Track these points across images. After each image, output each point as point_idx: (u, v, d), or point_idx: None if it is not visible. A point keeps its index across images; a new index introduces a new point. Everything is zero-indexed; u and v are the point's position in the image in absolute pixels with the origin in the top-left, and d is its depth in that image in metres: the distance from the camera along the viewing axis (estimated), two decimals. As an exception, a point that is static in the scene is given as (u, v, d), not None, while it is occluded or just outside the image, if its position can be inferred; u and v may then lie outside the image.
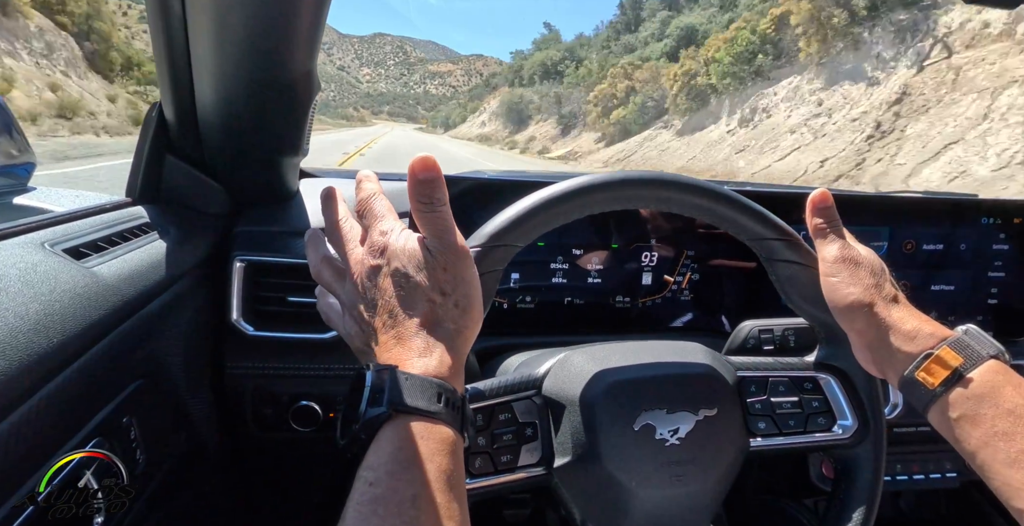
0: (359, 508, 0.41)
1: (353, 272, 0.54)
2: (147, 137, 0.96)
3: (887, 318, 0.63)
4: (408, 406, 0.44)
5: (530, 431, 0.66)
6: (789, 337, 0.90)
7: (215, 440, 1.03)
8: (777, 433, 0.70)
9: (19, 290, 0.57)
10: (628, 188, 0.64)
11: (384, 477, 0.42)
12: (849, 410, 0.72)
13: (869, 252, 0.69)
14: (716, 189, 0.67)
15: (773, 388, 0.72)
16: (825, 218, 0.69)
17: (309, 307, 1.02)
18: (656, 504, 0.63)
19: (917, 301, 1.18)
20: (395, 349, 0.49)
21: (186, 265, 0.90)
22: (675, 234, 1.14)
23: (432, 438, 0.45)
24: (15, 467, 0.53)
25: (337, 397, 1.06)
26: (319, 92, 0.96)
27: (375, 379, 0.46)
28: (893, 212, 1.18)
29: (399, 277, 0.51)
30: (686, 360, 0.70)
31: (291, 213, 1.10)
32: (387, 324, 0.50)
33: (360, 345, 0.54)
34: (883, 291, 0.65)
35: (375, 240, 0.53)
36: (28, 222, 0.73)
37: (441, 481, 0.43)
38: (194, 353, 0.94)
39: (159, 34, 0.84)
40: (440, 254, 0.52)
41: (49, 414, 0.56)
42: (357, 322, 0.53)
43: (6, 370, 0.50)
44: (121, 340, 0.71)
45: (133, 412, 0.75)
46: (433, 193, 0.52)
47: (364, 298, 0.52)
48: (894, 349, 0.62)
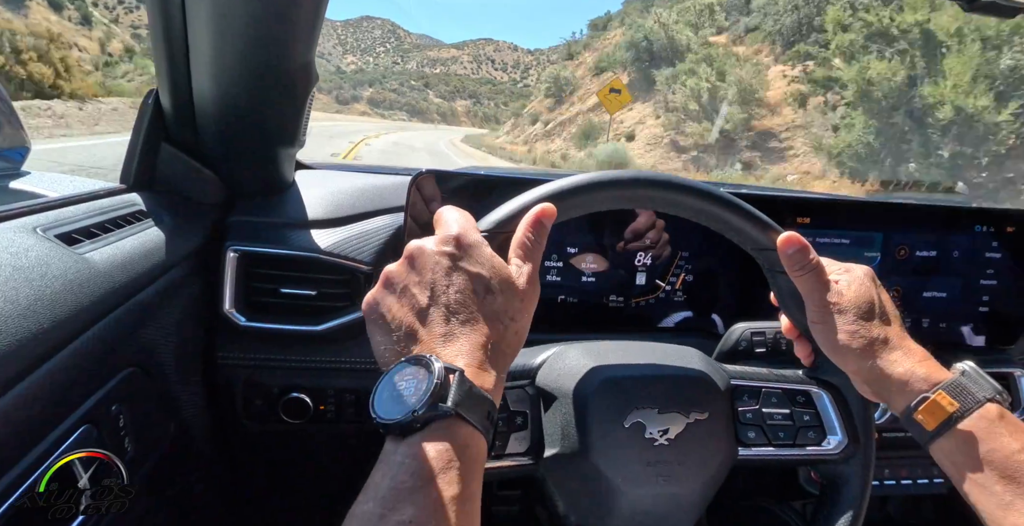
0: (399, 487, 0.42)
1: (441, 251, 0.54)
2: (143, 124, 0.95)
3: (878, 362, 0.62)
4: (467, 415, 0.47)
5: (520, 420, 0.66)
6: (781, 340, 0.90)
7: (205, 430, 1.03)
8: (766, 444, 0.71)
9: (10, 274, 0.56)
10: (638, 188, 0.64)
11: (428, 472, 0.43)
12: (840, 426, 0.72)
13: (858, 287, 0.65)
14: (725, 195, 0.66)
15: (765, 398, 0.72)
16: (798, 262, 0.65)
17: (302, 299, 1.02)
18: (640, 502, 0.64)
19: (909, 307, 1.20)
20: (453, 350, 0.50)
21: (179, 254, 0.90)
22: (670, 234, 1.14)
23: (474, 447, 0.47)
24: (4, 449, 0.53)
25: (328, 390, 1.06)
26: (317, 82, 0.96)
27: (443, 376, 0.46)
28: (886, 218, 1.18)
29: (481, 286, 0.53)
30: (681, 364, 0.70)
31: (286, 204, 1.10)
32: (453, 321, 0.52)
33: (408, 321, 0.53)
34: (871, 334, 0.63)
35: (472, 240, 0.55)
36: (21, 206, 0.72)
37: (471, 488, 0.46)
38: (185, 342, 0.94)
39: (158, 22, 0.83)
40: (524, 285, 0.56)
41: (38, 399, 0.56)
42: (414, 297, 0.53)
43: None
44: (112, 327, 0.71)
45: (123, 400, 0.75)
46: (540, 233, 0.58)
47: (441, 283, 0.53)
48: (890, 389, 0.62)
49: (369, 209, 1.11)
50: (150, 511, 0.85)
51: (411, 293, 0.53)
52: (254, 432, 1.10)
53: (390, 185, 1.18)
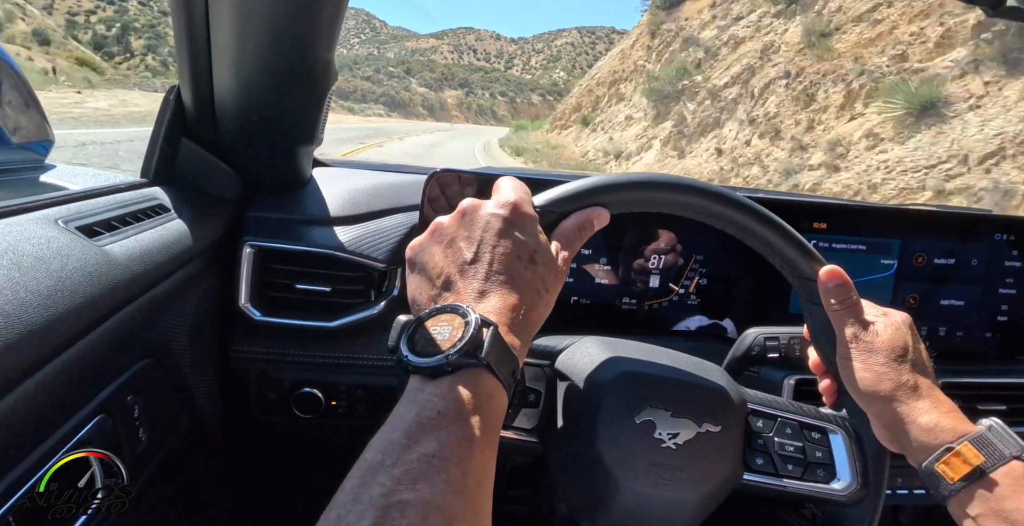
0: (424, 422, 0.43)
1: (495, 214, 0.56)
2: (164, 120, 0.97)
3: (904, 408, 0.60)
4: (496, 370, 0.48)
5: (533, 397, 0.66)
6: (795, 346, 0.90)
7: (217, 422, 1.04)
8: (773, 473, 0.69)
9: (31, 265, 0.57)
10: (692, 195, 0.63)
11: (454, 412, 0.44)
12: (851, 470, 0.70)
13: (894, 331, 0.64)
14: (778, 219, 0.64)
15: (780, 428, 0.71)
16: (837, 297, 0.64)
17: (316, 295, 1.03)
18: (637, 501, 0.63)
19: (926, 315, 1.18)
20: (487, 307, 0.51)
21: (197, 248, 0.91)
22: (685, 238, 1.14)
23: (497, 399, 0.49)
24: (23, 436, 0.54)
25: (340, 385, 1.07)
26: (336, 81, 0.97)
27: (478, 327, 0.48)
28: (905, 224, 1.17)
29: (526, 254, 0.55)
30: (703, 374, 0.69)
31: (303, 201, 1.11)
32: (492, 280, 0.53)
33: (448, 271, 0.54)
34: (901, 378, 0.61)
35: (526, 211, 0.57)
36: (43, 198, 0.73)
37: (490, 437, 0.47)
38: (200, 335, 0.95)
39: (181, 19, 0.84)
40: (561, 266, 0.58)
41: (56, 388, 0.57)
42: (460, 251, 0.55)
43: (15, 342, 0.50)
44: (129, 319, 0.72)
45: (138, 391, 0.76)
46: (586, 230, 0.61)
47: (489, 242, 0.54)
48: (911, 437, 0.60)
49: (385, 207, 1.12)
50: (162, 500, 0.86)
51: (458, 246, 0.55)
52: (266, 425, 1.11)
53: (406, 183, 1.19)
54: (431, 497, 0.39)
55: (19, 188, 0.87)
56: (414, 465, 0.40)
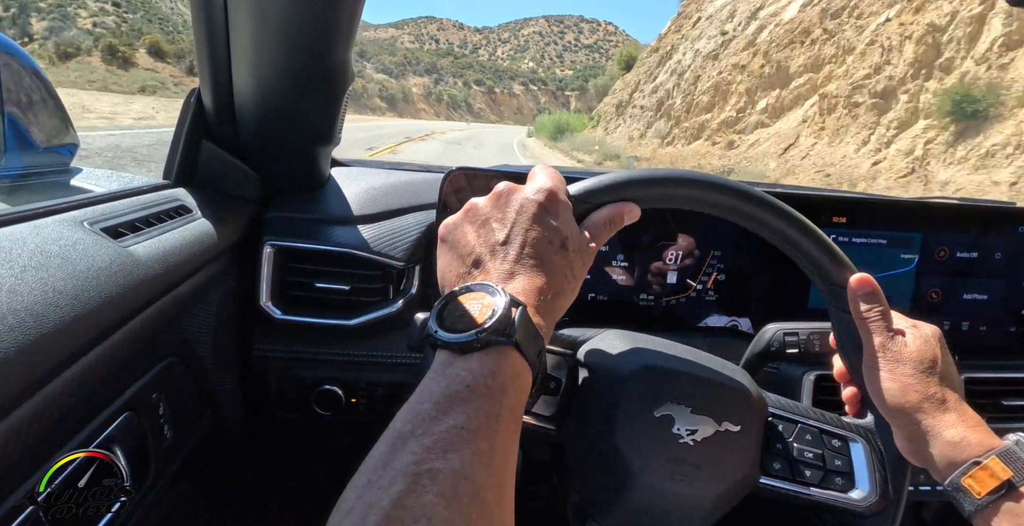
0: (453, 395, 0.44)
1: (531, 199, 0.57)
2: (185, 122, 0.98)
3: (929, 420, 0.59)
4: (524, 349, 0.49)
5: (553, 384, 0.66)
6: (815, 341, 0.89)
7: (240, 419, 1.06)
8: (791, 479, 0.68)
9: (59, 266, 0.59)
10: (726, 196, 0.62)
11: (482, 387, 0.45)
12: (871, 480, 0.69)
13: (923, 343, 0.63)
14: (812, 225, 0.64)
15: (800, 434, 0.70)
16: (867, 306, 0.63)
17: (336, 293, 1.04)
18: (651, 495, 0.63)
19: (948, 310, 1.17)
20: (515, 287, 0.52)
21: (218, 248, 0.93)
22: (702, 233, 1.13)
23: (524, 378, 0.49)
24: (53, 433, 0.56)
25: (360, 383, 1.08)
26: (352, 81, 0.98)
27: (508, 306, 0.48)
28: (926, 218, 1.15)
29: (558, 240, 0.56)
30: (726, 373, 0.68)
31: (322, 201, 1.12)
32: (522, 262, 0.53)
33: (479, 251, 0.55)
34: (928, 390, 0.60)
35: (561, 199, 0.58)
36: (69, 201, 0.75)
37: (516, 414, 0.47)
38: (223, 334, 0.97)
39: (200, 23, 0.86)
40: (590, 255, 0.59)
41: (83, 386, 0.58)
42: (492, 232, 0.55)
43: (44, 341, 0.52)
44: (153, 318, 0.73)
45: (163, 389, 0.78)
46: (616, 224, 0.62)
47: (522, 225, 0.55)
48: (936, 451, 0.59)
49: (402, 206, 1.13)
50: (187, 495, 0.87)
51: (491, 227, 0.55)
52: (287, 422, 1.12)
53: (423, 182, 1.19)
54: (460, 467, 0.39)
55: (46, 191, 0.89)
56: (443, 436, 0.41)
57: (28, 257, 0.57)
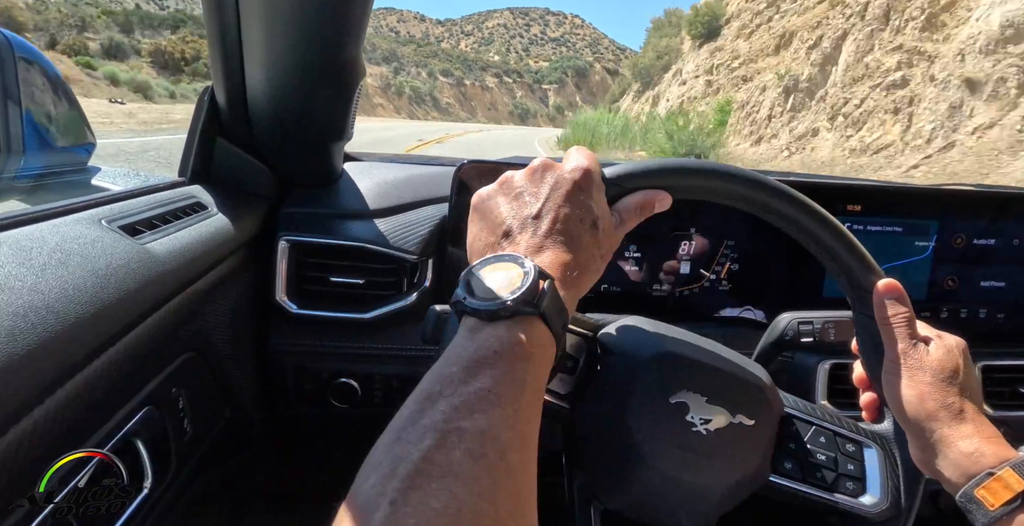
0: (480, 359, 0.44)
1: (568, 177, 0.57)
2: (199, 120, 0.99)
3: (945, 430, 0.58)
4: (550, 322, 0.49)
5: (571, 363, 0.66)
6: (829, 330, 0.88)
7: (258, 413, 1.07)
8: (801, 480, 0.68)
9: (78, 264, 0.60)
10: (758, 191, 0.62)
11: (509, 354, 0.45)
12: (882, 487, 0.68)
13: (945, 352, 0.62)
14: (843, 228, 0.63)
15: (814, 436, 0.70)
16: (892, 312, 0.62)
17: (351, 287, 1.05)
18: (659, 481, 0.63)
19: (965, 297, 1.16)
20: (543, 260, 0.52)
21: (234, 244, 0.94)
22: (715, 223, 1.13)
23: (548, 349, 0.50)
24: (76, 427, 0.57)
25: (375, 376, 1.09)
26: (364, 76, 0.98)
27: (536, 278, 0.49)
28: (943, 205, 1.14)
29: (589, 219, 0.56)
30: (745, 368, 0.68)
31: (336, 195, 1.13)
32: (552, 237, 0.54)
33: (510, 222, 0.56)
34: (947, 399, 0.59)
35: (597, 181, 0.58)
36: (88, 199, 0.76)
37: (540, 382, 0.48)
38: (240, 329, 0.98)
39: (212, 20, 0.86)
40: (618, 235, 0.60)
41: (104, 382, 0.59)
42: (525, 205, 0.56)
43: (66, 337, 0.53)
44: (172, 314, 0.74)
45: (182, 383, 0.79)
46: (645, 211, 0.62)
47: (556, 201, 0.55)
48: (950, 461, 0.58)
49: (415, 199, 1.13)
50: (207, 487, 0.89)
51: (524, 200, 0.56)
52: (304, 415, 1.14)
53: (435, 175, 1.20)
54: (487, 426, 0.40)
55: (64, 190, 0.91)
56: (471, 397, 0.41)
57: (48, 255, 0.58)
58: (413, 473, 0.36)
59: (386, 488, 0.36)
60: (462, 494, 0.36)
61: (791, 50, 16.56)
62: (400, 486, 0.35)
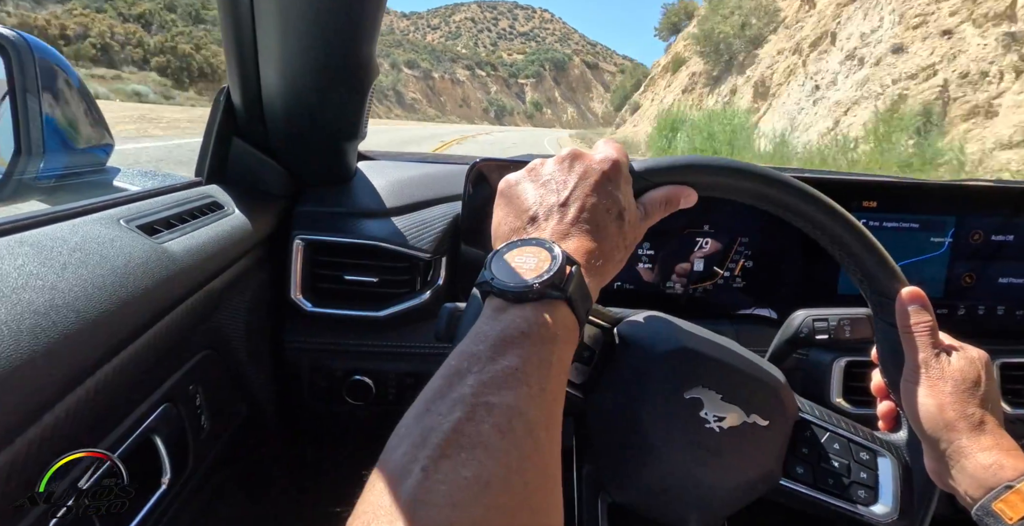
0: (507, 339, 0.44)
1: (597, 167, 0.57)
2: (215, 120, 1.00)
3: (964, 441, 0.57)
4: (576, 307, 0.49)
5: (587, 354, 0.66)
6: (845, 327, 0.88)
7: (273, 409, 1.08)
8: (812, 485, 0.67)
9: (97, 263, 0.61)
10: (786, 193, 0.61)
11: (536, 335, 0.46)
12: (895, 497, 0.67)
13: (967, 363, 0.61)
14: (868, 233, 0.62)
15: (828, 442, 0.69)
16: (915, 320, 0.61)
17: (365, 285, 1.06)
18: (670, 476, 0.63)
19: (983, 294, 1.15)
20: (568, 247, 0.52)
21: (250, 243, 0.95)
22: (729, 220, 1.12)
23: (573, 332, 0.50)
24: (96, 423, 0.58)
25: (389, 373, 1.10)
26: (377, 76, 0.99)
27: (563, 263, 0.49)
28: (960, 201, 1.13)
29: (616, 210, 0.56)
30: (762, 368, 0.68)
31: (350, 194, 1.14)
32: (578, 225, 0.54)
33: (536, 208, 0.56)
34: (966, 410, 0.58)
35: (626, 173, 0.59)
36: (106, 199, 0.77)
37: (565, 364, 0.48)
38: (255, 326, 0.99)
39: (228, 22, 0.87)
40: (643, 227, 0.60)
41: (123, 379, 0.60)
42: (553, 192, 0.56)
43: (86, 335, 0.54)
44: (189, 312, 0.75)
45: (199, 380, 0.80)
46: (670, 206, 0.62)
47: (584, 190, 0.56)
48: (967, 473, 0.57)
49: (428, 198, 1.14)
50: (224, 483, 0.90)
51: (552, 188, 0.56)
52: (319, 412, 1.15)
53: (448, 174, 1.20)
54: (514, 403, 0.40)
55: (84, 190, 0.92)
56: (498, 374, 0.42)
57: (68, 255, 0.59)
58: (444, 442, 0.36)
59: (417, 455, 0.36)
60: (491, 465, 0.36)
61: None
62: (432, 454, 0.36)
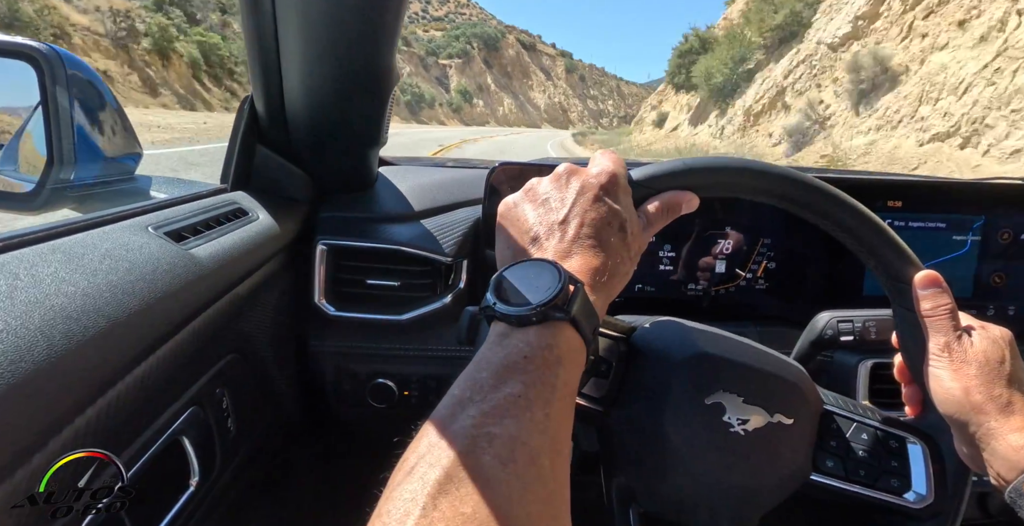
0: (510, 365, 0.45)
1: (593, 182, 0.57)
2: (239, 128, 1.02)
3: (993, 423, 0.56)
4: (581, 327, 0.49)
5: (604, 367, 0.66)
6: (871, 329, 0.87)
7: (299, 412, 1.10)
8: (843, 477, 0.66)
9: (126, 269, 0.62)
10: (788, 187, 0.61)
11: (539, 359, 0.46)
12: (927, 483, 0.66)
13: (990, 343, 0.60)
14: (879, 220, 0.62)
15: (856, 433, 0.68)
16: (933, 304, 0.60)
17: (387, 289, 1.07)
18: (699, 483, 0.62)
19: (1013, 294, 1.12)
20: (571, 266, 0.52)
21: (274, 248, 0.96)
22: (751, 221, 1.12)
23: (579, 354, 0.50)
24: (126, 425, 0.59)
25: (412, 376, 1.11)
26: (398, 82, 1.00)
27: (566, 283, 0.49)
28: (988, 200, 1.11)
29: (617, 222, 0.56)
30: (781, 366, 0.67)
31: (372, 199, 1.15)
32: (579, 242, 0.54)
33: (537, 229, 0.56)
34: (993, 392, 0.57)
35: (623, 184, 0.59)
36: (135, 207, 0.79)
37: (571, 387, 0.48)
38: (280, 331, 1.01)
39: (251, 32, 0.89)
40: (646, 237, 0.60)
41: (151, 383, 0.62)
42: (552, 211, 0.56)
43: (117, 341, 0.55)
44: (215, 317, 0.77)
45: (226, 384, 0.81)
46: (673, 212, 0.61)
47: (583, 205, 0.56)
48: (998, 455, 0.56)
49: (449, 202, 1.15)
50: (251, 485, 0.91)
51: (550, 206, 0.56)
52: (343, 415, 1.16)
53: (468, 178, 1.21)
54: (517, 432, 0.40)
55: (113, 198, 0.94)
56: (500, 402, 0.42)
57: (98, 261, 0.60)
58: (443, 479, 0.37)
59: (417, 494, 0.36)
60: (492, 499, 0.36)
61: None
62: (431, 492, 0.36)
